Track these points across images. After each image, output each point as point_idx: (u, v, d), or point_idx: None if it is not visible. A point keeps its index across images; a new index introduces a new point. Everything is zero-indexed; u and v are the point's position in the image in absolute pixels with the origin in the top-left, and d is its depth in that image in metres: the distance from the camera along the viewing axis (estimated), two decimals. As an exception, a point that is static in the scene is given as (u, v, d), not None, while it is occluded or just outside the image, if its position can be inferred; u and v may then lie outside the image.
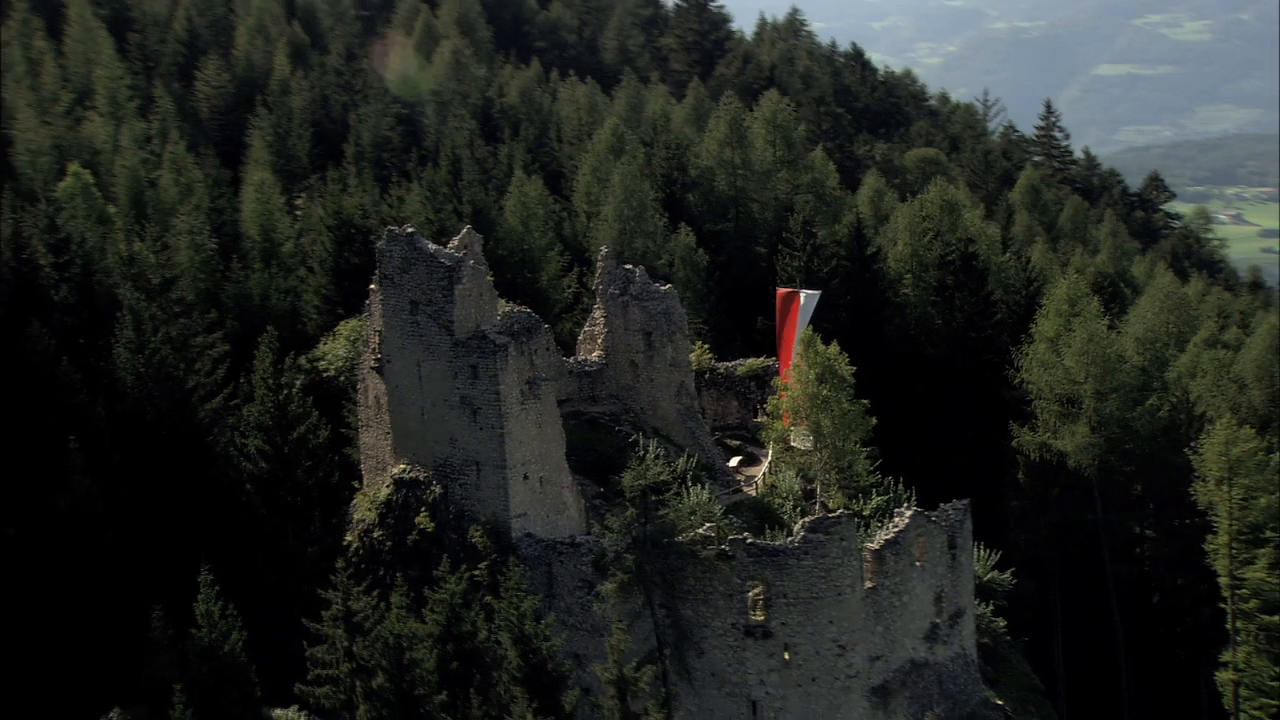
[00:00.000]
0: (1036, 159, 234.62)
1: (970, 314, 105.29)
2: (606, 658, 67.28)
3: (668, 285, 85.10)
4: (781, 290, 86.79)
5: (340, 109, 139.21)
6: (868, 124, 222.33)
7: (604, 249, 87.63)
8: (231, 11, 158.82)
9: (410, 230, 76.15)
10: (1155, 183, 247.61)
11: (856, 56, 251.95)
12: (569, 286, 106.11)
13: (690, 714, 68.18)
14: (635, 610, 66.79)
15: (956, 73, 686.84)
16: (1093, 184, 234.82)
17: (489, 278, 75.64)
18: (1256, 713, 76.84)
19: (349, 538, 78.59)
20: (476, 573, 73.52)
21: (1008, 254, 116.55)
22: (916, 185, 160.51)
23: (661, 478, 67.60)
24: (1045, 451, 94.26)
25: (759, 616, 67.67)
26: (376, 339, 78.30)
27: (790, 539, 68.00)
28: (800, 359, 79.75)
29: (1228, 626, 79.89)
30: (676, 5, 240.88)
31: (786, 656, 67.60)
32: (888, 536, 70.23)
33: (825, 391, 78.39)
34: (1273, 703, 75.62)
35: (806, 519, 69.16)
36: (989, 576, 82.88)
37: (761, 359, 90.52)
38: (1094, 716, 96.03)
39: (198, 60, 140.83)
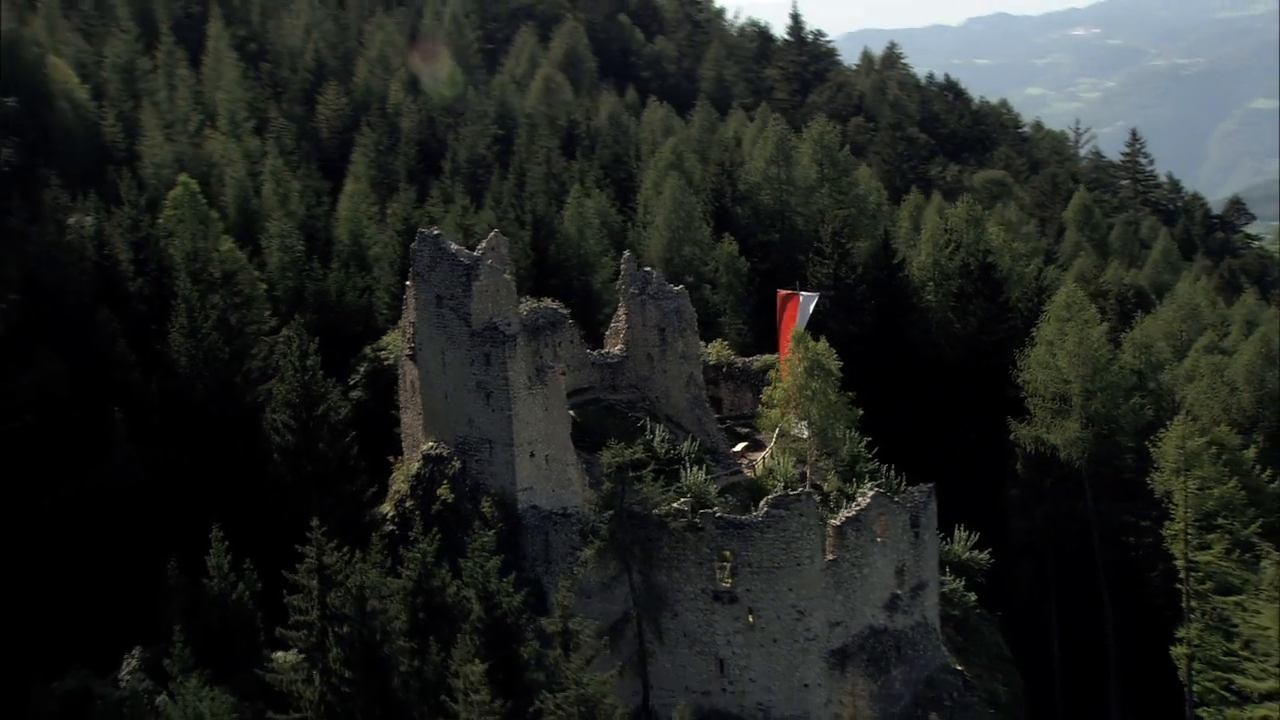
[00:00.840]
0: (1123, 182, 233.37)
1: (983, 319, 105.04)
2: (588, 618, 69.59)
3: (680, 286, 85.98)
4: (782, 291, 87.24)
5: (444, 130, 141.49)
6: (954, 148, 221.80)
7: (626, 254, 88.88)
8: (360, 44, 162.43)
9: (437, 232, 78.04)
10: (1236, 206, 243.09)
11: (950, 87, 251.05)
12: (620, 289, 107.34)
13: (665, 670, 69.30)
14: (613, 575, 68.00)
15: (1116, 106, 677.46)
16: (1175, 207, 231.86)
17: (506, 276, 77.03)
18: (1209, 684, 75.90)
19: (386, 506, 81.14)
20: (485, 539, 75.69)
21: (1032, 265, 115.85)
22: (982, 204, 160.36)
23: (637, 457, 68.56)
24: (1040, 445, 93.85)
25: (726, 583, 68.61)
26: (411, 330, 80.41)
27: (755, 514, 68.85)
28: (793, 354, 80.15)
29: (1183, 605, 79.04)
30: (784, 40, 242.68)
31: (751, 620, 68.46)
32: (849, 514, 70.75)
33: (814, 384, 78.77)
34: (1224, 675, 74.70)
35: (770, 496, 69.89)
36: (967, 556, 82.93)
37: (776, 355, 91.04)
38: (1086, 684, 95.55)
39: (321, 86, 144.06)
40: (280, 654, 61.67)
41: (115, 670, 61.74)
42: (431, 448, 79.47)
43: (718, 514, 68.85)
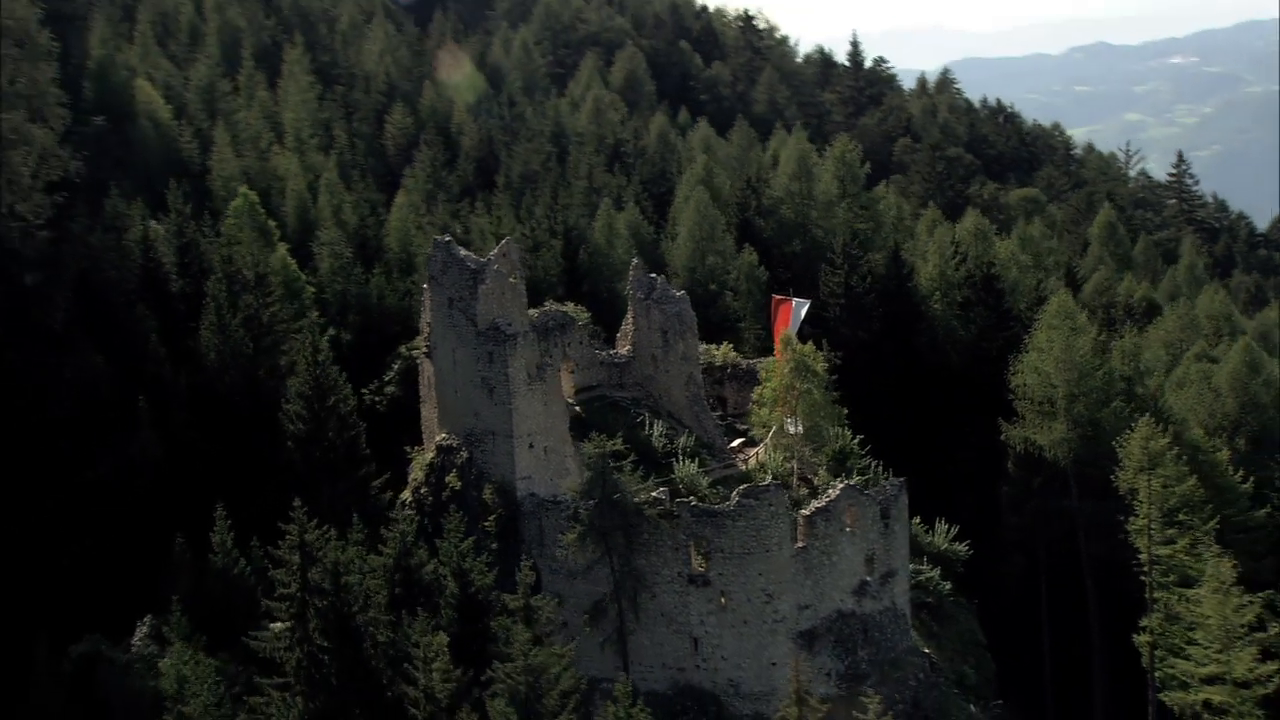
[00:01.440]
0: (1169, 201, 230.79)
1: (984, 326, 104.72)
2: (575, 598, 70.55)
3: (681, 292, 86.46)
4: (775, 297, 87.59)
5: (502, 147, 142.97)
6: (1000, 168, 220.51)
7: (634, 260, 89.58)
8: (431, 69, 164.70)
9: (448, 239, 79.23)
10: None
11: (999, 111, 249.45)
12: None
13: (644, 646, 69.90)
14: (595, 558, 68.72)
15: (1212, 131, 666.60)
16: (1220, 225, 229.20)
17: (512, 280, 78.07)
18: (1170, 670, 75.15)
19: (405, 493, 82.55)
20: (486, 524, 76.84)
21: (1040, 277, 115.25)
22: (1016, 220, 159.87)
23: (616, 449, 69.21)
24: (1029, 445, 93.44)
25: (701, 567, 69.16)
26: (427, 330, 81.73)
27: (727, 503, 69.37)
28: (780, 355, 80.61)
29: (1146, 596, 78.43)
30: (844, 65, 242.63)
31: (723, 602, 68.91)
32: (819, 505, 71.04)
33: (801, 385, 79.16)
34: (1183, 662, 74.01)
35: (742, 486, 70.39)
36: (946, 547, 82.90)
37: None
38: (1073, 671, 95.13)
39: (390, 107, 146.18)
40: (275, 625, 62.89)
41: (129, 637, 63.35)
42: (444, 438, 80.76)
43: (693, 502, 69.42)
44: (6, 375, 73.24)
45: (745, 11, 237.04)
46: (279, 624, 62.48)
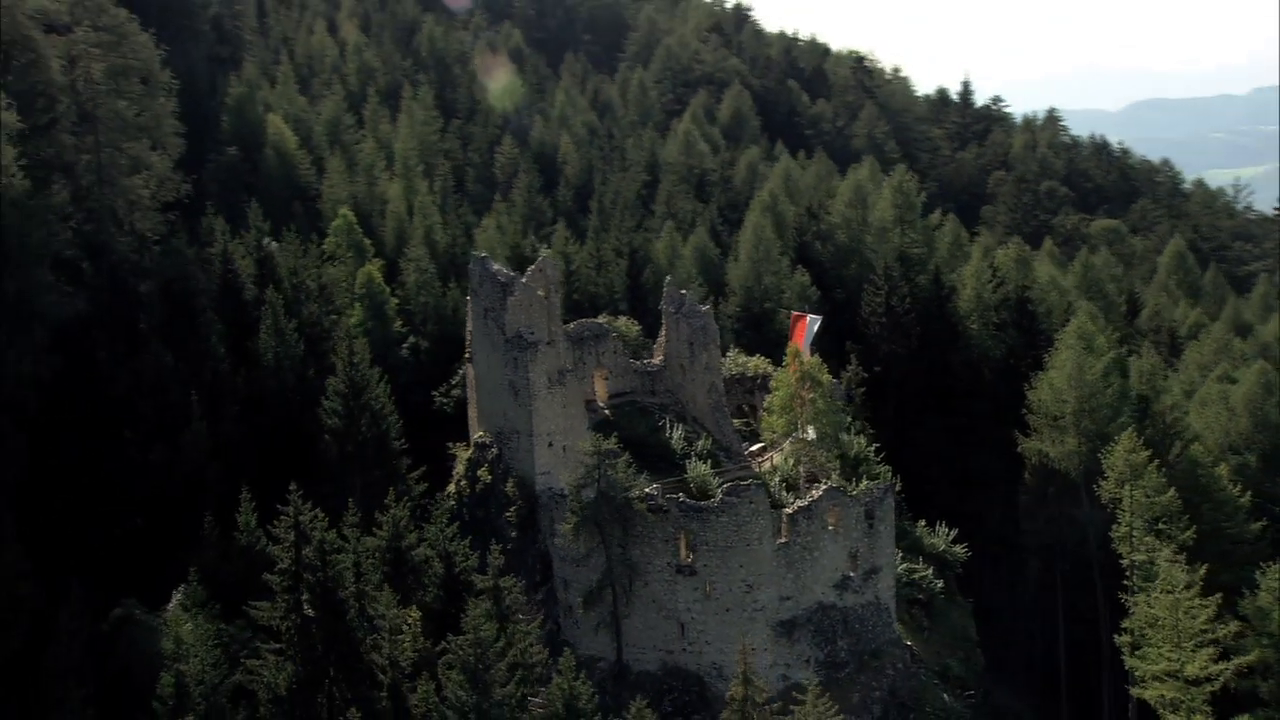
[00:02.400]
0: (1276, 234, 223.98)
1: (1012, 346, 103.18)
2: (578, 583, 71.23)
3: (706, 306, 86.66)
4: (794, 314, 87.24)
5: (600, 175, 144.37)
6: (1098, 201, 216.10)
7: (668, 277, 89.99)
8: (550, 105, 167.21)
9: (484, 255, 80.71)
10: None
11: (1102, 146, 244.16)
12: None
13: (636, 630, 70.20)
14: (592, 547, 69.34)
15: None
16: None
17: (540, 292, 78.94)
18: (1151, 665, 73.16)
19: (450, 486, 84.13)
20: (508, 515, 78.00)
21: (1083, 301, 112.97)
22: (1095, 249, 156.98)
23: (610, 447, 69.70)
24: (1043, 457, 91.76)
25: (688, 558, 69.36)
26: (470, 337, 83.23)
27: (711, 500, 69.52)
28: (785, 366, 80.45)
29: (1126, 599, 76.41)
30: (955, 104, 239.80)
31: (708, 591, 69.01)
32: (801, 504, 70.84)
33: (809, 395, 78.99)
34: (1138, 661, 71.90)
35: (725, 484, 70.44)
36: (944, 548, 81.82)
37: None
38: (1090, 671, 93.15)
39: (500, 139, 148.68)
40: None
41: (166, 604, 65.67)
42: (480, 436, 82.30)
43: (681, 499, 69.67)
44: (96, 371, 76.41)
45: (857, 53, 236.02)
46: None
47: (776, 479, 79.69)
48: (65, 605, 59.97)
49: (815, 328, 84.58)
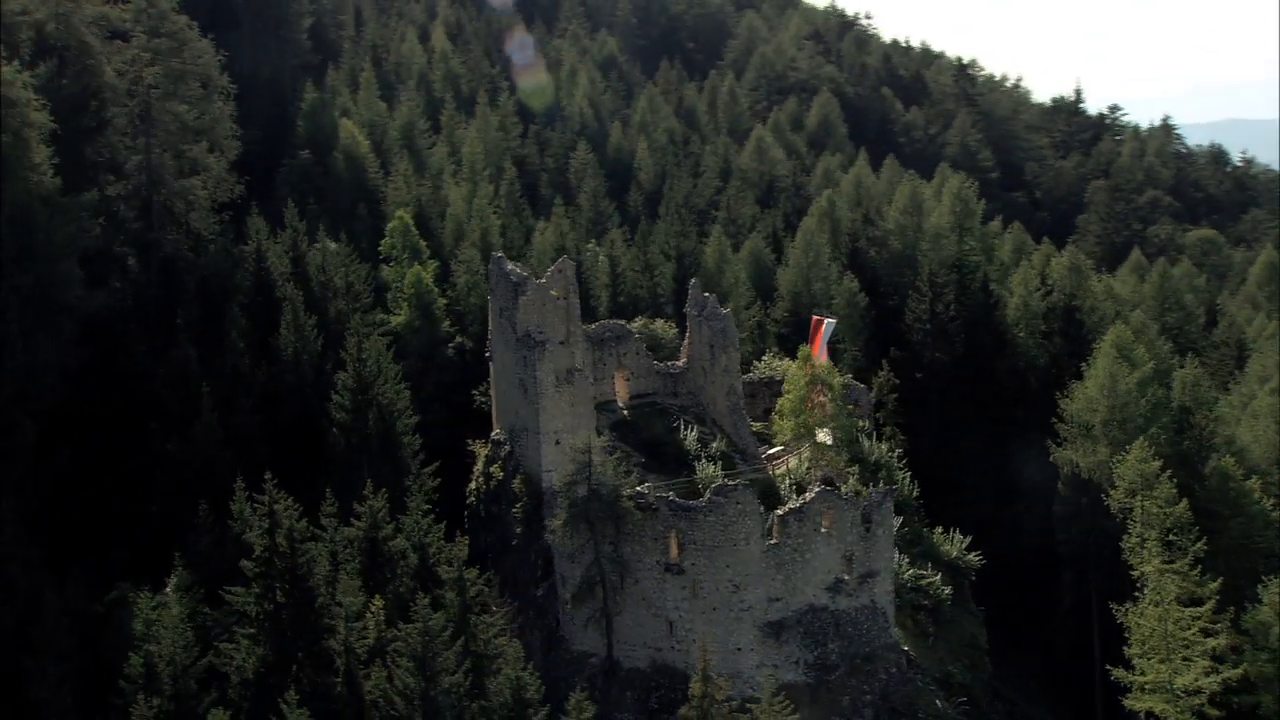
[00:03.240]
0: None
1: (1056, 354, 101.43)
2: (571, 579, 71.87)
3: (726, 310, 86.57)
4: (815, 317, 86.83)
5: (673, 181, 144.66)
6: (1207, 210, 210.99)
7: (693, 281, 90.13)
8: (628, 110, 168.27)
9: (499, 255, 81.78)
10: None
11: (1218, 156, 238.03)
12: (754, 316, 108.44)
13: (626, 626, 70.67)
14: (582, 542, 69.88)
15: None
16: None
17: (554, 293, 79.75)
18: (1138, 677, 71.64)
19: (471, 483, 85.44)
20: (515, 510, 78.91)
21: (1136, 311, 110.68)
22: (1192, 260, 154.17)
23: (606, 445, 70.19)
24: (1074, 466, 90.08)
25: (676, 557, 69.57)
26: (490, 337, 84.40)
27: (700, 500, 69.64)
28: (797, 369, 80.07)
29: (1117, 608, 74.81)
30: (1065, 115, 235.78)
31: (695, 590, 69.15)
32: (792, 506, 70.62)
33: (820, 399, 78.66)
34: (1124, 672, 70.43)
35: (714, 485, 70.47)
36: (957, 555, 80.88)
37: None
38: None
39: (576, 145, 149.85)
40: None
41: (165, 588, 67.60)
42: (496, 433, 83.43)
43: (670, 498, 69.91)
44: (130, 365, 79.00)
45: (959, 59, 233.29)
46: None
47: (787, 482, 79.60)
48: (63, 588, 62.02)
49: (829, 330, 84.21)
